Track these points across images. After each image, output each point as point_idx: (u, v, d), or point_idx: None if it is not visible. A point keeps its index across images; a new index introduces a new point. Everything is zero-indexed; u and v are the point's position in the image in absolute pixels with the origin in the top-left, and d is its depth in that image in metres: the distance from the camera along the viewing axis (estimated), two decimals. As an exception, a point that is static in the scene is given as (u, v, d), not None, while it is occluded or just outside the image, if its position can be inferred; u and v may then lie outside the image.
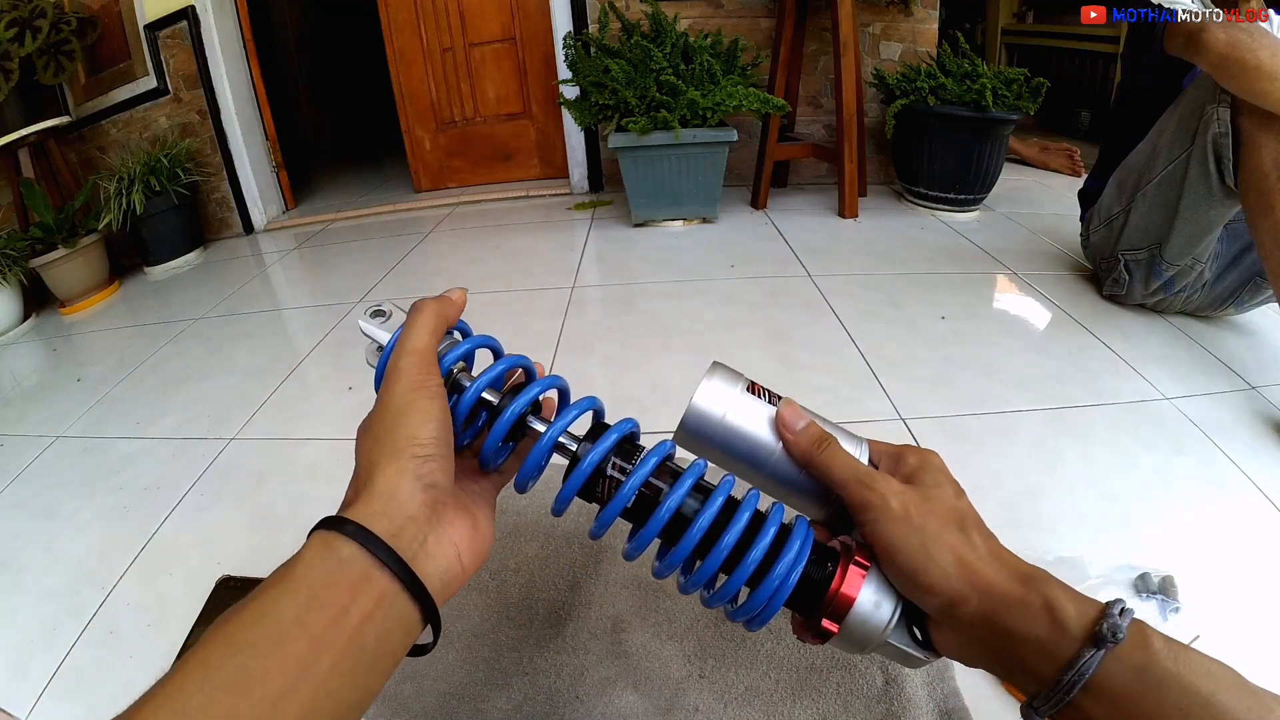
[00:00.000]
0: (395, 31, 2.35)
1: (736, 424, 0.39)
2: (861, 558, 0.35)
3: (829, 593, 0.35)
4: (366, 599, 0.27)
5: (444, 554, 0.31)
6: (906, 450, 0.39)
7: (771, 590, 0.35)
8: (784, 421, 0.39)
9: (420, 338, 0.35)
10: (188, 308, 1.70)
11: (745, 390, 0.40)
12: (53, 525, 0.93)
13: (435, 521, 0.31)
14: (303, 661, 0.25)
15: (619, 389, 1.10)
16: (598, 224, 1.99)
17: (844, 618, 0.35)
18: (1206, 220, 1.05)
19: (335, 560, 0.28)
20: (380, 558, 0.28)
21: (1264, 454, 0.87)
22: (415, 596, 0.29)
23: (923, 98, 1.79)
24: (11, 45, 1.89)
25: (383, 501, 0.30)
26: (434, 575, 0.30)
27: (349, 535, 0.28)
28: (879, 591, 0.35)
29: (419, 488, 0.31)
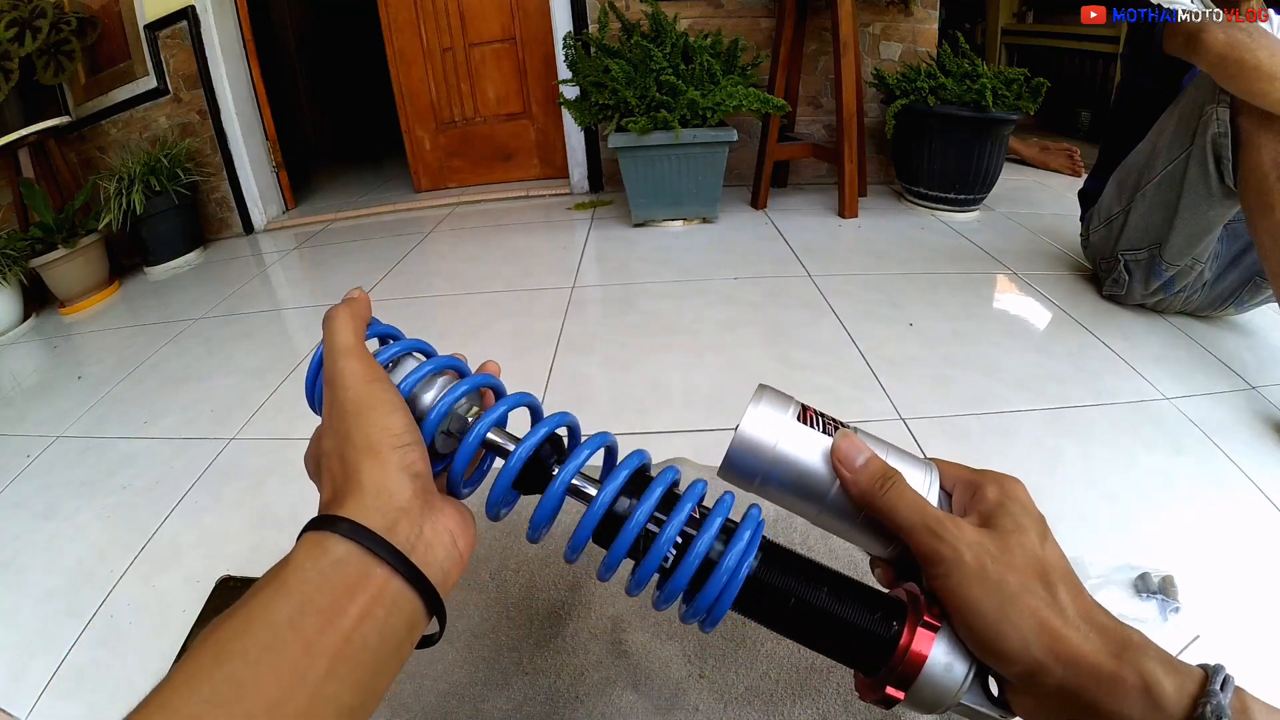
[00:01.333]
0: (395, 31, 2.35)
1: (788, 456, 0.35)
2: (930, 615, 0.31)
3: (896, 653, 0.31)
4: (365, 597, 0.26)
5: (441, 542, 0.30)
6: (984, 479, 0.34)
7: (719, 586, 0.33)
8: (841, 456, 0.34)
9: (346, 337, 0.33)
10: (188, 308, 1.70)
11: (797, 417, 0.36)
12: (53, 525, 0.93)
13: (427, 511, 0.30)
14: (296, 668, 0.24)
15: (619, 389, 1.10)
16: (598, 224, 1.99)
17: (912, 682, 0.31)
18: (1206, 220, 1.05)
19: (329, 561, 0.27)
20: (378, 553, 0.27)
21: (1264, 454, 0.87)
22: (418, 589, 0.28)
23: (923, 98, 1.79)
24: (11, 45, 1.89)
25: (374, 497, 0.29)
26: (434, 565, 0.29)
27: (343, 534, 0.27)
28: (951, 652, 0.31)
29: (406, 479, 0.29)
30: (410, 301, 1.54)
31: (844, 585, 0.33)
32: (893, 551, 0.35)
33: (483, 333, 1.34)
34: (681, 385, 1.09)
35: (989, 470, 0.35)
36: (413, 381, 0.35)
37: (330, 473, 0.31)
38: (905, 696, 0.32)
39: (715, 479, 0.38)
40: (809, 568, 0.34)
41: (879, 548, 0.36)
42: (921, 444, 0.90)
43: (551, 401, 1.07)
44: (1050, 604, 0.29)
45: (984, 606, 0.29)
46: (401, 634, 0.28)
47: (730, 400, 1.04)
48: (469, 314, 1.45)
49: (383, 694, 0.28)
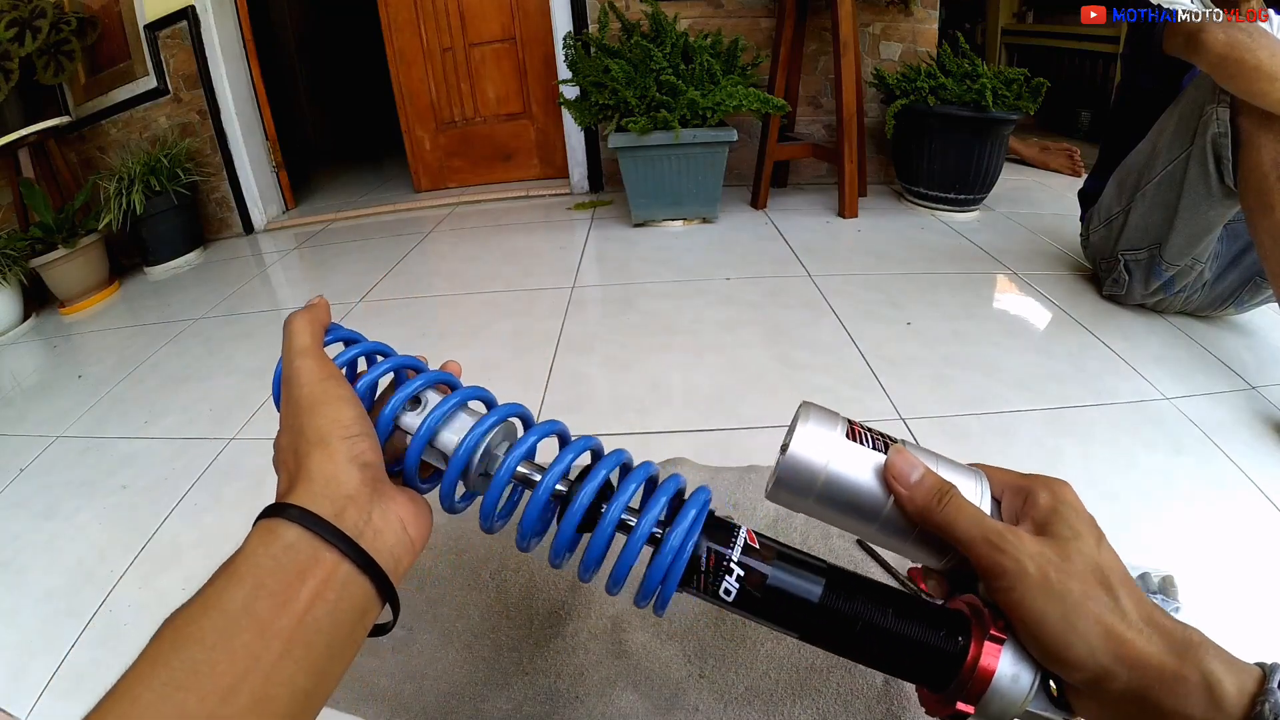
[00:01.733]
0: (395, 31, 2.35)
1: (841, 475, 0.34)
2: (996, 628, 0.31)
3: (964, 669, 0.31)
4: (315, 581, 0.27)
5: (391, 529, 0.31)
6: (1034, 484, 0.34)
7: (664, 567, 0.34)
8: (896, 473, 0.34)
9: (303, 339, 0.35)
10: (188, 308, 1.70)
11: (846, 435, 0.35)
12: (53, 525, 0.93)
13: (377, 498, 0.31)
14: (251, 651, 0.25)
15: (619, 389, 1.10)
16: (598, 224, 1.99)
17: (981, 696, 0.31)
18: (1206, 220, 1.05)
19: (280, 546, 0.27)
20: (326, 538, 0.28)
21: (1264, 454, 0.87)
22: (367, 572, 0.29)
23: (923, 98, 1.79)
24: (11, 45, 1.89)
25: (322, 484, 0.29)
26: (384, 550, 0.30)
27: (293, 520, 0.28)
28: (1017, 663, 0.31)
29: (354, 468, 0.30)
30: (410, 301, 1.54)
31: (908, 605, 0.33)
32: (948, 563, 0.35)
33: (483, 333, 1.34)
34: (681, 385, 1.09)
35: (1037, 475, 0.35)
36: (368, 381, 0.36)
37: (285, 465, 0.32)
38: (975, 710, 0.32)
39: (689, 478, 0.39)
40: (873, 590, 0.34)
41: (934, 560, 0.36)
42: (921, 444, 0.89)
43: (552, 401, 1.07)
44: (1113, 609, 0.29)
45: (1050, 617, 0.29)
46: (353, 618, 0.29)
47: (730, 400, 1.04)
48: (469, 314, 1.45)
49: (338, 678, 0.29)
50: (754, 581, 0.33)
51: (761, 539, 0.35)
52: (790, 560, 0.34)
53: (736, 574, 0.33)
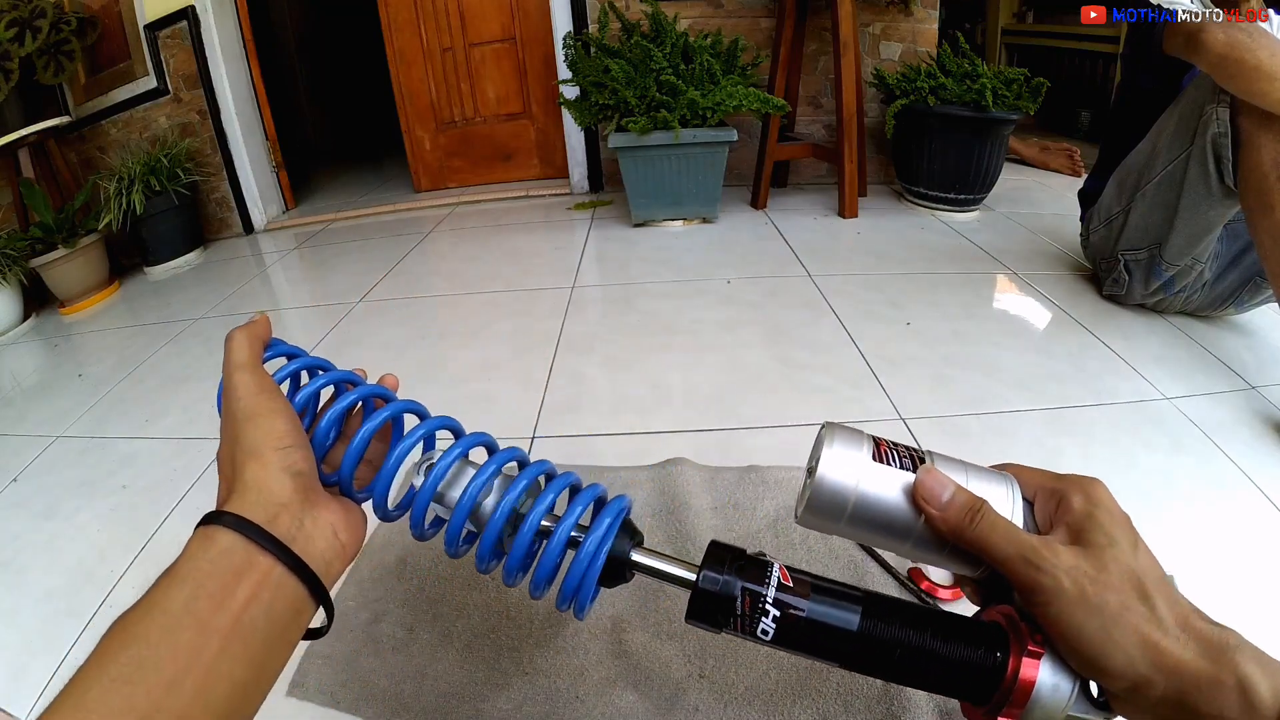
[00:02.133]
0: (395, 31, 2.35)
1: (870, 497, 0.34)
2: (1034, 641, 0.32)
3: (1004, 683, 0.32)
4: (250, 583, 0.29)
5: (321, 534, 0.33)
6: (1067, 486, 0.34)
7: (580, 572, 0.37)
8: (926, 494, 0.34)
9: (241, 354, 0.37)
10: (188, 307, 1.70)
11: (873, 456, 0.35)
12: (53, 525, 0.93)
13: (308, 506, 0.33)
14: (192, 647, 0.27)
15: (619, 389, 1.10)
16: (598, 224, 1.99)
17: (1023, 707, 0.32)
18: (1206, 220, 1.05)
19: (218, 550, 0.30)
20: (259, 542, 0.30)
21: (1264, 454, 0.87)
22: (299, 574, 0.31)
23: (923, 98, 1.79)
24: (11, 45, 1.89)
25: (255, 493, 0.32)
26: (315, 555, 0.32)
27: (228, 526, 0.30)
28: (1057, 673, 0.32)
29: (286, 477, 0.32)
30: (410, 301, 1.54)
31: (945, 624, 0.33)
32: (982, 573, 0.35)
33: (483, 333, 1.34)
34: (681, 385, 1.09)
35: (1069, 475, 0.35)
36: (306, 394, 0.40)
37: (224, 474, 0.34)
38: (1021, 715, 0.32)
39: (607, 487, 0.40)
40: (910, 613, 0.34)
41: (969, 570, 0.36)
42: (921, 445, 0.89)
43: (551, 401, 1.07)
44: (1149, 618, 0.29)
45: (1087, 631, 0.30)
46: (288, 617, 0.31)
47: (730, 400, 1.04)
48: (469, 314, 1.45)
49: (276, 671, 0.31)
50: (791, 619, 0.33)
51: (795, 574, 0.35)
52: (826, 592, 0.34)
53: (773, 614, 0.34)
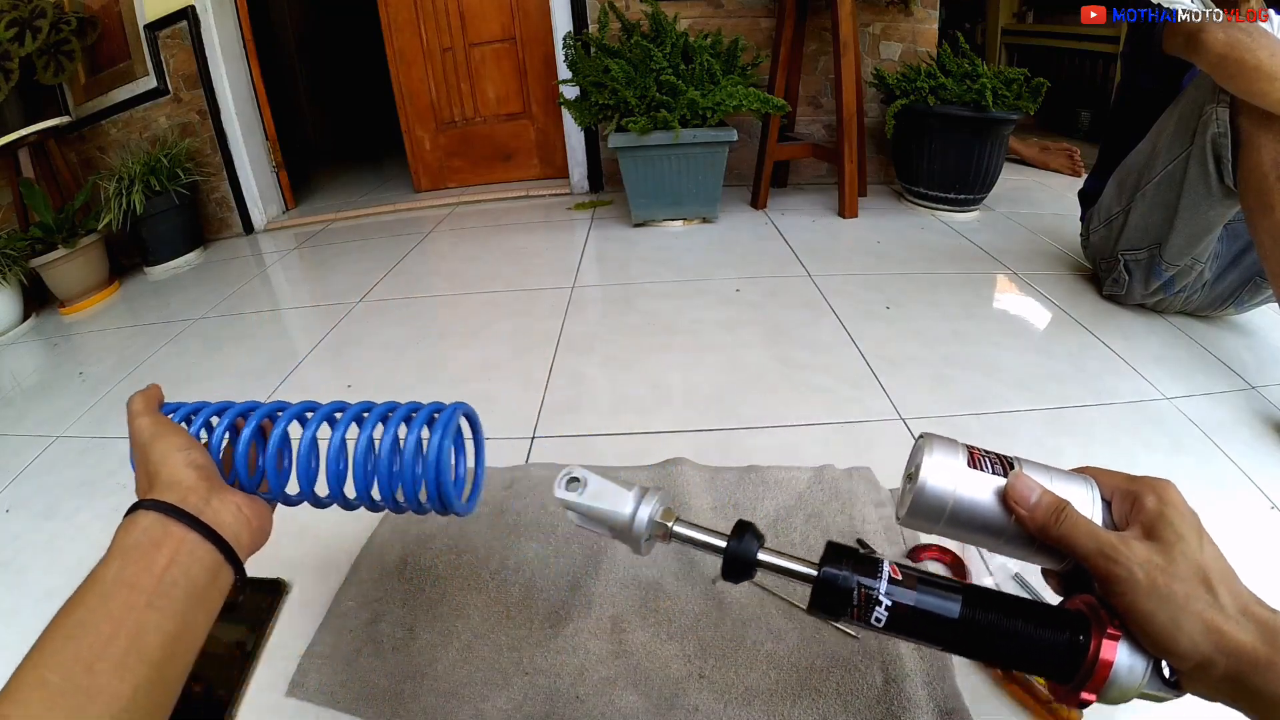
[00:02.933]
0: (395, 31, 2.35)
1: (966, 501, 0.40)
2: (1113, 627, 0.36)
3: (1086, 662, 0.36)
4: (168, 549, 0.36)
5: (227, 509, 0.41)
6: (1141, 488, 0.38)
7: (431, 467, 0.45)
8: (1017, 498, 0.39)
9: (137, 407, 0.46)
10: (188, 308, 1.70)
11: (968, 463, 0.41)
12: (53, 525, 0.93)
13: (213, 490, 0.41)
14: (124, 605, 0.33)
15: (619, 389, 1.10)
16: (598, 224, 1.99)
17: (1103, 685, 0.36)
18: (1206, 220, 1.05)
19: (139, 529, 0.37)
20: (173, 516, 0.37)
21: (1264, 454, 0.87)
22: (210, 540, 0.38)
23: (923, 98, 1.79)
24: (11, 45, 1.89)
25: (165, 484, 0.40)
26: (224, 524, 0.39)
27: (147, 508, 0.38)
28: (1132, 655, 0.36)
29: (190, 470, 0.41)
30: (410, 301, 1.54)
31: (1034, 611, 0.38)
32: (1065, 567, 0.40)
33: (483, 333, 1.34)
34: (681, 385, 1.09)
35: (1143, 478, 0.39)
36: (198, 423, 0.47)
37: (140, 484, 0.43)
38: (1098, 697, 0.37)
39: None
40: (1004, 602, 0.38)
41: (1054, 564, 0.40)
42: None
43: (552, 401, 1.07)
44: (1213, 605, 0.34)
45: (1158, 617, 0.34)
46: (204, 577, 0.37)
47: (730, 400, 1.04)
48: (469, 314, 1.45)
49: (201, 628, 0.37)
50: (901, 609, 0.38)
51: (903, 569, 0.39)
52: (931, 585, 0.39)
53: (885, 604, 0.38)
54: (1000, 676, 0.57)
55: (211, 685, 0.64)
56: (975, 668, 0.59)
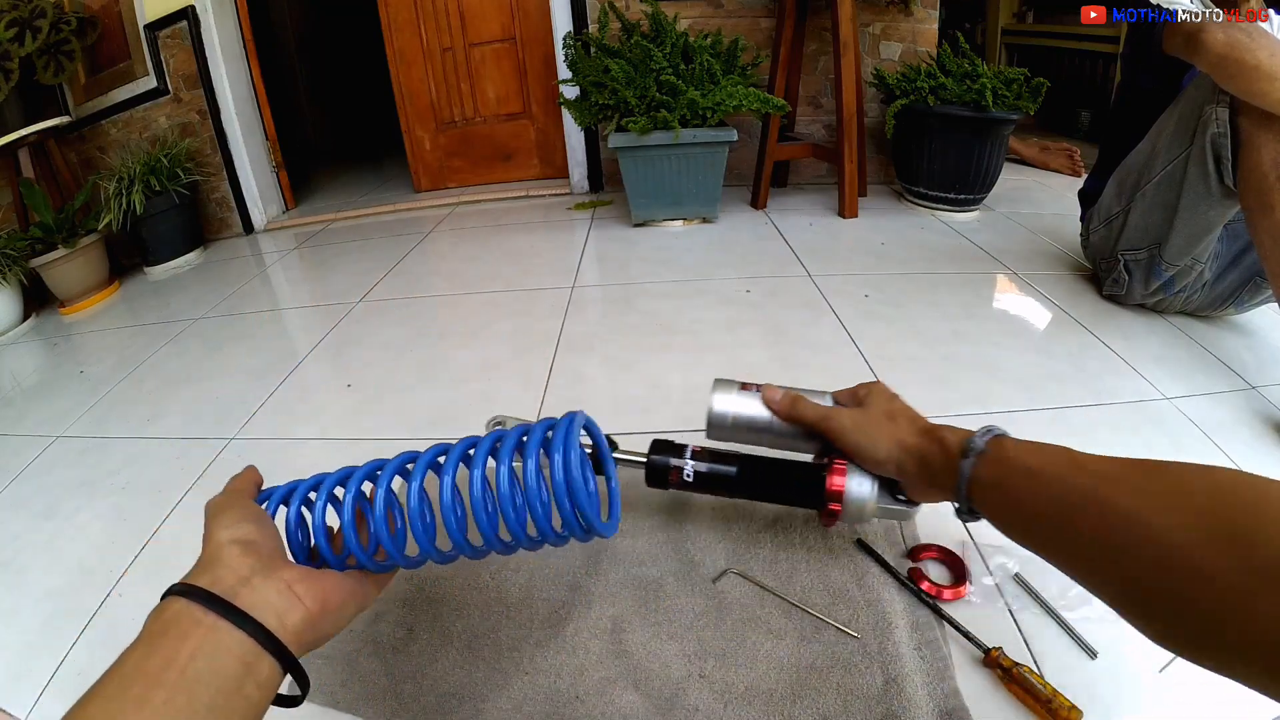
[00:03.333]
0: (395, 31, 2.35)
1: (744, 413, 0.64)
2: (840, 461, 0.58)
3: (828, 489, 0.57)
4: (194, 638, 0.32)
5: (271, 588, 0.36)
6: (859, 387, 0.62)
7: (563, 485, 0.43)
8: (767, 399, 0.63)
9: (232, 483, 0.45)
10: (188, 308, 1.70)
11: (740, 390, 0.65)
12: (53, 525, 0.93)
13: (259, 566, 0.37)
14: (140, 699, 0.30)
15: (619, 389, 1.10)
16: (598, 224, 1.99)
17: (842, 499, 0.57)
18: (1206, 220, 1.05)
19: (168, 614, 0.33)
20: (200, 601, 0.34)
21: (1264, 454, 0.87)
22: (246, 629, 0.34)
23: (923, 98, 1.79)
24: (11, 45, 1.89)
25: (204, 566, 0.37)
26: (264, 606, 0.35)
27: (176, 594, 0.34)
28: (857, 476, 0.57)
29: (235, 546, 0.37)
30: (410, 301, 1.54)
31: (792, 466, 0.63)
32: (819, 447, 0.62)
33: (483, 333, 1.34)
34: (681, 385, 1.09)
35: (864, 382, 0.63)
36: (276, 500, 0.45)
37: None
38: (842, 510, 0.58)
39: None
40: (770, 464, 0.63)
41: (812, 448, 0.63)
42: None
43: (552, 401, 1.07)
44: (895, 427, 0.56)
45: (862, 444, 0.56)
46: (236, 670, 0.33)
47: (730, 400, 1.04)
48: (469, 314, 1.45)
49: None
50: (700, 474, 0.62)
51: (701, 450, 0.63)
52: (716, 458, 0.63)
53: (688, 473, 0.62)
54: (1000, 676, 0.57)
55: (211, 685, 0.64)
56: (975, 668, 0.59)
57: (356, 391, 1.17)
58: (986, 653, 0.59)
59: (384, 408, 1.11)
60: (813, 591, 0.66)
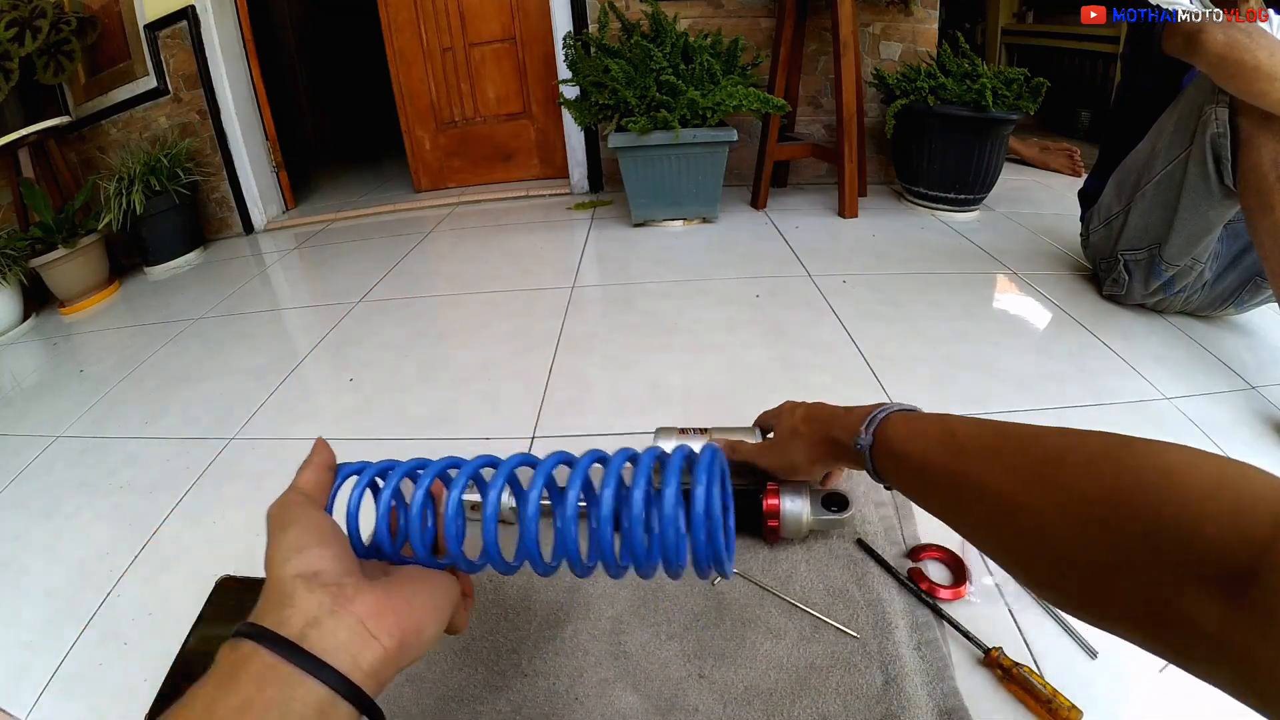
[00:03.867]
0: (395, 31, 2.35)
1: None
2: (773, 484, 0.68)
3: (764, 509, 0.67)
4: (267, 688, 0.30)
5: (344, 626, 0.33)
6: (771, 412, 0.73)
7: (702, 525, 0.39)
8: None
9: (299, 476, 0.42)
10: (188, 307, 1.70)
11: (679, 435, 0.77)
12: (53, 525, 0.94)
13: (330, 604, 0.34)
14: None
15: (619, 389, 1.10)
16: (598, 224, 1.99)
17: (779, 515, 0.66)
18: (1206, 220, 1.05)
19: (238, 656, 0.31)
20: (269, 646, 0.31)
21: (1264, 454, 0.87)
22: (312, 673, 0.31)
23: (923, 98, 1.79)
24: (11, 45, 1.89)
25: (271, 603, 0.34)
26: (337, 649, 0.32)
27: (244, 634, 0.32)
28: (789, 494, 0.67)
29: (299, 582, 0.34)
30: (410, 301, 1.54)
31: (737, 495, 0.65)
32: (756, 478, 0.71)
33: (482, 333, 1.34)
34: (681, 385, 1.09)
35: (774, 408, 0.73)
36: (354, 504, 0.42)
37: None
38: (779, 526, 0.67)
39: None
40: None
41: (752, 481, 0.71)
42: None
43: (552, 401, 1.07)
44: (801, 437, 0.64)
45: (781, 464, 0.67)
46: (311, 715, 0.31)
47: (730, 400, 1.04)
48: (469, 314, 1.45)
49: None
50: None
51: None
52: None
53: None
54: (1000, 676, 0.57)
55: (211, 685, 0.64)
56: (975, 667, 0.59)
57: (357, 391, 1.17)
58: (986, 653, 0.59)
59: (384, 408, 1.11)
60: (812, 591, 0.66)
